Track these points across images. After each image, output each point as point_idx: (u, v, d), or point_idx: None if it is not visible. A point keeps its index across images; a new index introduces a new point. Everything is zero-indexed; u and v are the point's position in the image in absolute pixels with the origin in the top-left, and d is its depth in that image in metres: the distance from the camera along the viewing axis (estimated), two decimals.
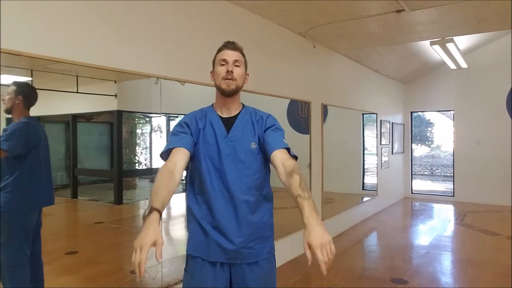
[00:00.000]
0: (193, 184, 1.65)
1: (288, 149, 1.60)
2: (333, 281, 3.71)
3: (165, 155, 1.57)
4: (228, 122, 1.66)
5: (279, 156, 1.53)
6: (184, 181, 1.79)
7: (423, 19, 4.08)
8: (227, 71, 1.59)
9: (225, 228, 1.56)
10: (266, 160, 1.64)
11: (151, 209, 1.28)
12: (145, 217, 1.27)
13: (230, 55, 1.62)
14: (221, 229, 1.57)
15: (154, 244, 1.16)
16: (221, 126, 1.64)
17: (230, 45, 1.64)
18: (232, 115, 1.67)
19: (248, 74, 1.71)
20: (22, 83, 2.57)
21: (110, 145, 4.47)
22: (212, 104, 1.74)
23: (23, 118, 2.46)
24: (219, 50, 1.66)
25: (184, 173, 1.61)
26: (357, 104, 6.36)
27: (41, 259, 2.58)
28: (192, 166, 1.65)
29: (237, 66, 1.61)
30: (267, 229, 1.67)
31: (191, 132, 1.61)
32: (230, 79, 1.59)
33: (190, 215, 1.65)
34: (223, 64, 1.61)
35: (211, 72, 1.69)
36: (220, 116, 1.67)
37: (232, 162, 1.59)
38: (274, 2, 3.50)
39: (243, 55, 1.68)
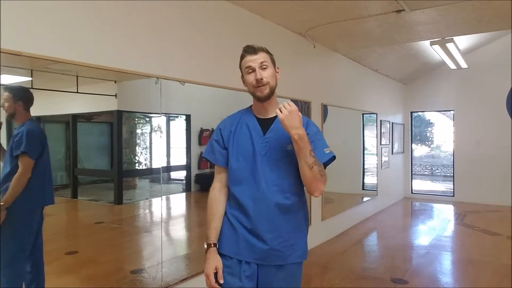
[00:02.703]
0: (228, 185, 1.68)
1: (328, 159, 1.67)
2: (333, 281, 3.71)
3: (208, 160, 1.71)
4: (266, 123, 1.65)
5: None
6: (184, 181, 1.84)
7: (423, 19, 4.08)
8: (257, 80, 1.57)
9: (256, 229, 1.57)
10: None
11: (208, 245, 1.61)
12: (206, 251, 1.61)
13: (253, 60, 1.58)
14: (253, 230, 1.57)
15: (216, 269, 1.57)
16: (258, 127, 1.64)
17: (250, 50, 1.60)
18: (270, 116, 1.66)
19: (278, 68, 1.70)
20: (17, 87, 2.62)
21: (110, 145, 4.46)
22: (250, 106, 1.74)
23: (29, 121, 2.50)
24: (242, 57, 1.63)
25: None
26: (357, 104, 6.35)
27: (42, 257, 2.60)
28: (227, 168, 1.67)
29: (264, 68, 1.59)
30: (299, 233, 1.65)
31: (223, 141, 1.67)
32: (262, 86, 1.58)
33: (225, 213, 1.68)
34: (250, 72, 1.59)
35: (242, 78, 1.67)
36: (257, 117, 1.67)
37: (267, 163, 1.59)
38: (274, 2, 3.50)
39: (267, 52, 1.65)
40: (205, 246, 1.61)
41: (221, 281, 1.55)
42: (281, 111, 1.47)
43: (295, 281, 1.68)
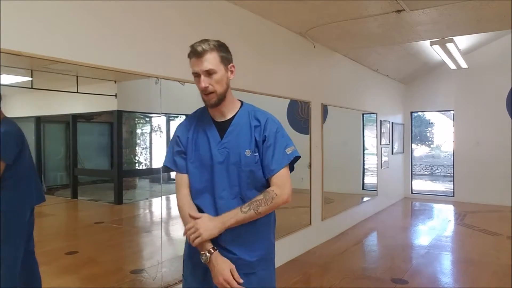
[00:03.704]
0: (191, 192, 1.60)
1: (289, 161, 1.54)
2: (333, 281, 3.71)
3: (169, 169, 1.60)
4: (223, 127, 1.55)
5: (271, 184, 1.52)
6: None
7: (423, 19, 4.08)
8: (201, 88, 1.46)
9: (219, 239, 1.48)
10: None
11: (209, 252, 1.46)
12: (208, 260, 1.47)
13: (199, 65, 1.45)
14: (216, 241, 1.49)
15: (231, 271, 1.45)
16: (215, 132, 1.54)
17: (194, 53, 1.46)
18: (227, 118, 1.56)
19: (233, 66, 1.55)
20: None
21: (110, 145, 4.47)
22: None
23: (4, 120, 2.32)
24: (189, 58, 1.51)
25: None
26: (357, 104, 6.36)
27: (35, 258, 2.57)
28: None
29: (210, 74, 1.45)
30: (262, 237, 1.57)
31: (184, 148, 1.57)
32: (209, 93, 1.47)
33: None
34: (196, 76, 1.48)
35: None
36: (214, 120, 1.57)
37: (225, 171, 1.50)
38: (274, 2, 3.50)
39: (217, 50, 1.49)
40: (207, 254, 1.45)
41: (241, 281, 1.45)
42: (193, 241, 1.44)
43: (268, 284, 1.59)
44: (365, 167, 6.99)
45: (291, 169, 1.57)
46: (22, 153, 2.35)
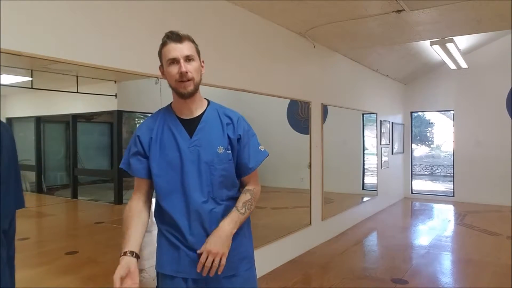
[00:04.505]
0: (155, 198, 1.51)
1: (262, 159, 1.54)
2: (333, 281, 3.71)
3: (125, 171, 1.51)
4: (191, 124, 1.47)
5: (245, 182, 1.54)
6: None
7: (423, 19, 4.08)
8: (181, 73, 1.37)
9: (193, 242, 1.42)
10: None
11: (124, 254, 1.36)
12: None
13: (178, 50, 1.38)
14: (190, 244, 1.42)
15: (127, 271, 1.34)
16: (183, 130, 1.46)
17: (175, 37, 1.39)
18: (195, 115, 1.48)
19: (203, 61, 1.48)
20: None
21: (110, 145, 4.47)
22: (170, 104, 1.54)
23: None
24: (164, 44, 1.42)
25: None
26: (357, 104, 6.36)
27: (13, 263, 2.47)
28: (151, 179, 1.49)
29: (189, 60, 1.39)
30: (242, 238, 1.52)
31: (143, 149, 1.47)
32: (187, 81, 1.38)
33: (158, 227, 1.52)
34: (172, 63, 1.39)
35: (160, 68, 1.48)
36: (180, 118, 1.48)
37: (196, 170, 1.43)
38: (274, 2, 3.50)
39: (193, 41, 1.44)
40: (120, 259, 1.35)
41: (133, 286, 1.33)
42: (203, 258, 1.38)
43: (250, 285, 1.54)
44: (365, 167, 6.99)
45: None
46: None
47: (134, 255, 1.35)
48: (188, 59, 1.39)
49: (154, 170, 1.45)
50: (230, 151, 1.47)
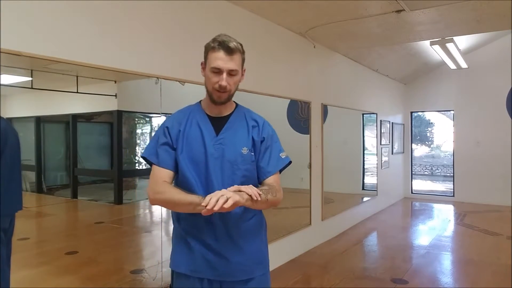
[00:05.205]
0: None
1: (284, 165, 1.52)
2: (333, 281, 3.71)
3: (149, 162, 1.47)
4: (218, 123, 1.49)
5: (267, 183, 1.48)
6: None
7: (423, 19, 4.08)
8: (220, 85, 1.39)
9: (212, 242, 1.42)
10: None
11: (197, 203, 1.28)
12: (197, 204, 1.28)
13: (225, 62, 1.39)
14: (208, 244, 1.42)
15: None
16: (210, 127, 1.48)
17: (226, 48, 1.39)
18: (223, 115, 1.51)
19: (244, 70, 1.51)
20: None
21: (110, 145, 4.46)
22: (200, 101, 1.56)
23: None
24: (213, 49, 1.42)
25: None
26: (357, 104, 6.36)
27: (9, 263, 2.45)
28: (175, 173, 1.48)
29: (232, 75, 1.41)
30: (258, 241, 1.52)
31: (171, 141, 1.45)
32: (223, 92, 1.41)
33: (174, 226, 1.51)
34: (216, 72, 1.40)
35: (202, 64, 1.49)
36: (208, 116, 1.50)
37: (219, 168, 1.43)
38: (274, 2, 3.50)
39: (242, 52, 1.46)
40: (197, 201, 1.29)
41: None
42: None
43: None
44: (365, 167, 6.99)
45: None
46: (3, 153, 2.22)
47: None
48: (231, 73, 1.41)
49: (181, 163, 1.44)
50: (253, 153, 1.49)
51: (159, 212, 3.15)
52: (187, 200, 1.32)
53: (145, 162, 1.49)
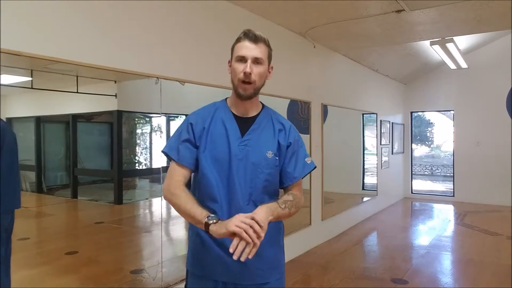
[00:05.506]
0: (196, 191, 1.44)
1: (309, 171, 1.51)
2: (333, 281, 3.71)
3: (169, 157, 1.43)
4: (244, 123, 1.44)
5: (288, 191, 1.47)
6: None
7: (423, 19, 4.08)
8: (244, 73, 1.34)
9: (229, 243, 1.32)
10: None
11: (207, 222, 1.25)
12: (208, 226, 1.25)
13: (250, 50, 1.35)
14: (226, 246, 1.34)
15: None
16: (235, 126, 1.43)
17: (251, 36, 1.36)
18: (250, 115, 1.46)
19: (272, 67, 1.46)
20: None
21: (110, 145, 4.47)
22: (226, 99, 1.50)
23: None
24: (238, 40, 1.39)
25: None
26: (357, 104, 6.36)
27: (9, 262, 2.44)
28: (196, 172, 1.44)
29: (257, 63, 1.36)
30: (277, 246, 1.50)
31: (194, 138, 1.41)
32: (248, 83, 1.36)
33: (190, 225, 1.46)
34: (240, 61, 1.36)
35: (228, 62, 1.44)
36: (234, 115, 1.45)
37: (243, 170, 1.39)
38: (274, 2, 3.50)
39: (268, 45, 1.41)
40: (210, 222, 1.24)
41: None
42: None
43: None
44: (365, 167, 6.99)
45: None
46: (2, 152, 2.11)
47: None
48: (256, 61, 1.36)
49: (202, 162, 1.39)
50: (278, 157, 1.45)
51: (159, 212, 3.15)
52: (191, 213, 1.29)
53: (166, 158, 1.45)
